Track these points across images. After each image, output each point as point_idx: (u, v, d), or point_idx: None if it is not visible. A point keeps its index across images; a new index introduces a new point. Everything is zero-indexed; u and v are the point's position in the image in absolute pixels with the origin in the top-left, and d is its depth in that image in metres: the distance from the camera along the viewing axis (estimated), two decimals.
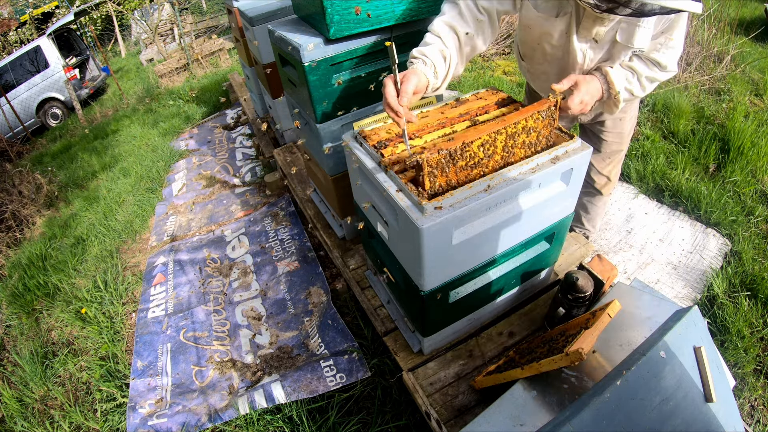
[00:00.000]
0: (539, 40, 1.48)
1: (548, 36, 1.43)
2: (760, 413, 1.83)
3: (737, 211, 2.66)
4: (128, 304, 2.87)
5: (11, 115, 7.43)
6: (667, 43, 1.36)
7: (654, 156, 3.16)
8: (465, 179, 1.27)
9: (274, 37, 1.93)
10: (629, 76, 1.41)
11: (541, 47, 1.50)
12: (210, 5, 12.79)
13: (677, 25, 1.33)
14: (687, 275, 2.37)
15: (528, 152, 1.33)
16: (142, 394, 2.25)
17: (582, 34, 1.35)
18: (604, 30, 1.31)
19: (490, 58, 5.47)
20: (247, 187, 3.75)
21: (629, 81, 1.41)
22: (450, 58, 1.39)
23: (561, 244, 1.70)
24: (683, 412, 0.99)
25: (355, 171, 1.52)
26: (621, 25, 1.30)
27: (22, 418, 2.33)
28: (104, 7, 9.71)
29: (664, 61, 1.39)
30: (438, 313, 1.50)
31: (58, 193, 4.64)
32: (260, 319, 2.54)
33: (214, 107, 5.58)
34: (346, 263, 2.22)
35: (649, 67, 1.41)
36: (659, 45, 1.37)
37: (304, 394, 2.02)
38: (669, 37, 1.35)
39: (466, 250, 1.31)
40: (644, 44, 1.32)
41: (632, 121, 1.88)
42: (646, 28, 1.29)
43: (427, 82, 1.35)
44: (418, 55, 1.37)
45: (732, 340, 2.01)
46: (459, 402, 1.55)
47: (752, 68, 4.27)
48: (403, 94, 1.25)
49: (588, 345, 1.11)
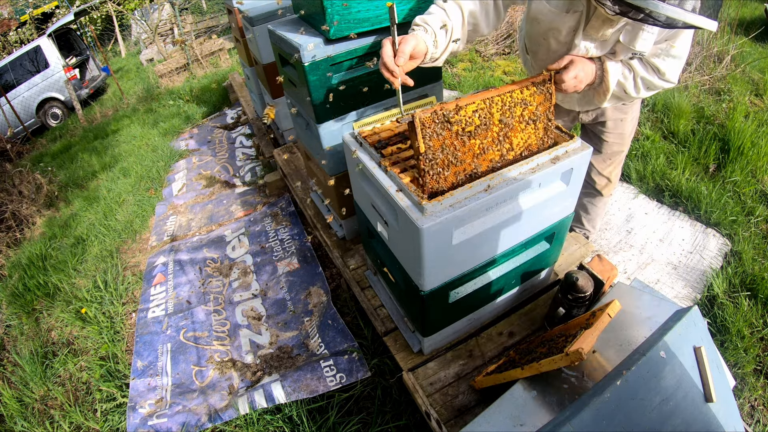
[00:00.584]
0: (546, 35, 1.48)
1: (556, 32, 1.43)
2: (760, 413, 1.83)
3: (737, 211, 2.66)
4: (128, 304, 2.87)
5: (11, 115, 7.43)
6: (668, 50, 1.36)
7: (654, 156, 3.16)
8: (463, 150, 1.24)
9: (274, 37, 1.93)
10: (626, 72, 1.41)
11: (547, 42, 1.50)
12: (210, 5, 12.79)
13: (681, 34, 1.32)
14: (687, 275, 2.37)
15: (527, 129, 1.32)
16: (142, 394, 2.25)
17: (589, 33, 1.34)
18: (611, 31, 1.31)
19: (490, 58, 5.47)
20: (247, 187, 3.75)
21: (625, 77, 1.42)
22: (452, 31, 1.39)
23: (561, 244, 1.70)
24: (683, 412, 0.99)
25: (355, 171, 1.52)
26: (626, 27, 1.30)
27: (22, 418, 2.33)
28: (104, 7, 9.71)
29: (663, 68, 1.39)
30: (438, 313, 1.50)
31: (58, 193, 4.64)
32: (260, 319, 2.54)
33: (214, 107, 5.59)
34: (346, 263, 2.22)
35: (648, 71, 1.41)
36: (660, 51, 1.37)
37: (304, 394, 2.02)
38: (671, 44, 1.35)
39: (466, 250, 1.31)
40: (646, 48, 1.32)
41: (633, 122, 1.88)
42: (651, 33, 1.28)
43: (426, 49, 1.34)
44: (420, 23, 1.38)
45: (732, 340, 2.01)
46: (459, 402, 1.55)
47: (752, 68, 4.27)
48: (400, 54, 1.25)
49: (588, 345, 1.11)
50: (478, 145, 1.26)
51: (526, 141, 1.34)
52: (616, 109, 1.80)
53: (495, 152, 1.30)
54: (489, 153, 1.29)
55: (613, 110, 1.80)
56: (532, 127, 1.34)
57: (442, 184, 1.25)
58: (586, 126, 1.96)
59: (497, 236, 1.36)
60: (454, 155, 1.23)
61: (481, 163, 1.29)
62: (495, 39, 5.67)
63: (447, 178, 1.25)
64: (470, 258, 1.38)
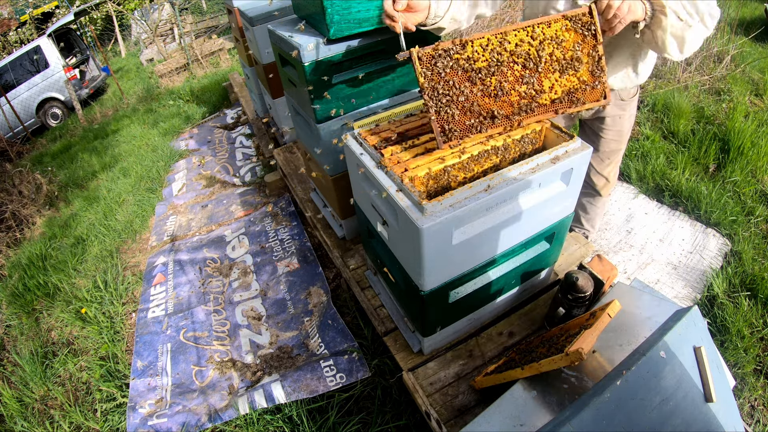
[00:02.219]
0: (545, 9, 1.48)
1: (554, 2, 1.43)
2: (760, 413, 1.83)
3: (737, 211, 2.66)
4: (128, 304, 2.87)
5: (11, 115, 7.43)
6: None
7: (654, 156, 3.16)
8: (474, 89, 1.16)
9: (274, 37, 1.93)
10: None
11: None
12: (210, 5, 12.78)
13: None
14: (687, 275, 2.37)
15: (566, 73, 1.18)
16: (142, 394, 2.25)
17: None
18: None
19: None
20: (247, 187, 3.75)
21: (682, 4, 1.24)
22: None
23: (561, 244, 1.70)
24: (683, 412, 0.99)
25: (355, 171, 1.51)
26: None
27: (22, 418, 2.33)
28: (104, 7, 9.71)
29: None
30: (438, 313, 1.50)
31: (58, 193, 4.64)
32: (260, 319, 2.54)
33: (214, 107, 5.59)
34: (346, 263, 2.22)
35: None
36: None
37: (304, 394, 2.02)
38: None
39: (466, 250, 1.31)
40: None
41: (631, 120, 1.89)
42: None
43: (428, 4, 1.34)
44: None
45: (732, 340, 2.01)
46: (459, 402, 1.55)
47: (752, 68, 4.27)
48: (399, 1, 1.26)
49: (588, 345, 1.11)
50: (495, 85, 1.17)
51: (564, 86, 1.22)
52: (615, 106, 1.80)
53: (520, 94, 1.20)
54: (512, 95, 1.20)
55: (613, 106, 1.80)
56: (572, 71, 1.21)
57: (453, 124, 1.20)
58: (584, 124, 1.96)
59: (497, 236, 1.36)
60: (464, 94, 1.17)
61: (502, 105, 1.21)
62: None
63: (457, 117, 1.19)
64: (470, 258, 1.38)
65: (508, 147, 1.37)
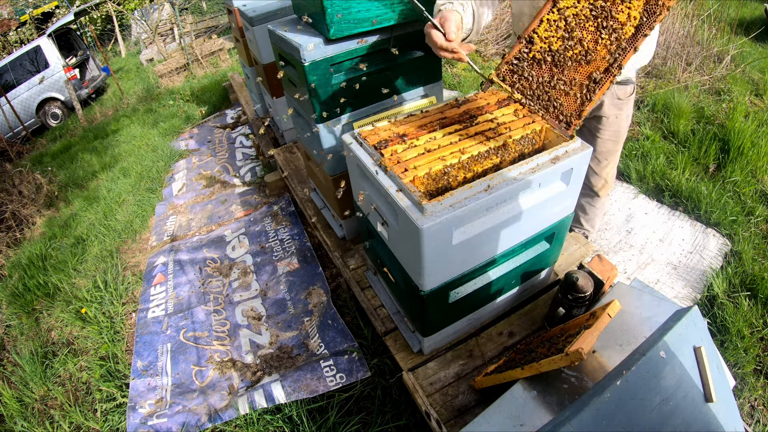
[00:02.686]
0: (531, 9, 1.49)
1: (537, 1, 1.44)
2: (760, 413, 1.83)
3: (737, 211, 2.66)
4: (128, 304, 2.87)
5: (11, 115, 7.43)
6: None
7: (654, 156, 3.16)
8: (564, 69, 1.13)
9: (274, 37, 1.93)
10: None
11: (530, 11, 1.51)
12: (210, 5, 12.78)
13: None
14: (687, 275, 2.37)
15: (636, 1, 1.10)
16: (142, 394, 2.25)
17: None
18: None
19: (490, 58, 5.47)
20: (247, 187, 3.75)
21: None
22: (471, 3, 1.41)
23: (561, 244, 1.70)
24: (683, 412, 0.99)
25: (355, 171, 1.51)
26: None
27: (22, 418, 2.33)
28: (104, 7, 9.71)
29: None
30: (438, 313, 1.50)
31: (58, 193, 4.64)
32: (260, 319, 2.54)
33: (214, 107, 5.59)
34: (346, 263, 2.22)
35: None
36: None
37: (304, 394, 2.02)
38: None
39: (466, 250, 1.31)
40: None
41: (627, 120, 1.89)
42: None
43: (461, 18, 1.35)
44: (444, 1, 1.39)
45: (732, 340, 2.01)
46: (459, 402, 1.55)
47: (752, 68, 4.27)
48: (450, 33, 1.25)
49: (588, 345, 1.11)
50: (580, 51, 1.14)
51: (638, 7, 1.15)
52: (613, 105, 1.80)
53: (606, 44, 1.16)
54: (599, 50, 1.17)
55: (610, 105, 1.80)
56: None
57: (565, 109, 1.21)
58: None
59: (497, 236, 1.36)
60: (559, 79, 1.16)
61: (597, 65, 1.17)
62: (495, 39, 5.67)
63: (564, 103, 1.18)
64: (470, 258, 1.38)
65: (507, 147, 1.38)
